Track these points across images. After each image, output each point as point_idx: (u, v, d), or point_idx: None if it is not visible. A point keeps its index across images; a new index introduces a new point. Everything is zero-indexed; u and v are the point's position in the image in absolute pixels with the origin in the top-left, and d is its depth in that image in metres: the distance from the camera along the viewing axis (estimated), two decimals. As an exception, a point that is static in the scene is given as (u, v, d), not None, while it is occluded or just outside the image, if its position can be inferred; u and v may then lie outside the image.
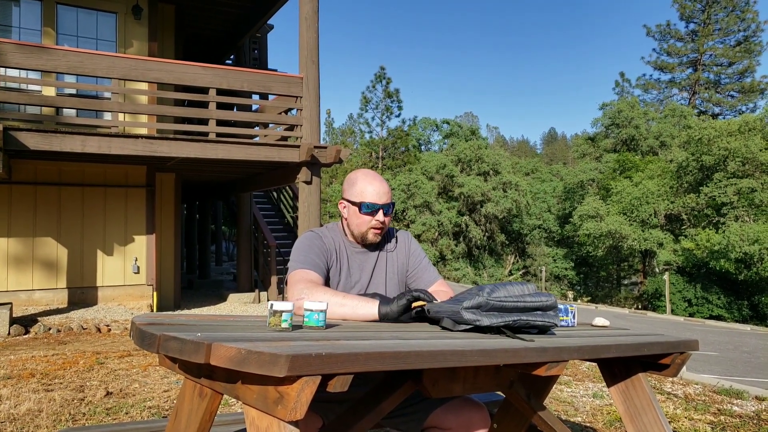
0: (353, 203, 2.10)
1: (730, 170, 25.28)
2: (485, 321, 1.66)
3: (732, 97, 41.15)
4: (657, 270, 29.42)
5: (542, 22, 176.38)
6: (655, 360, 2.15)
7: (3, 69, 7.85)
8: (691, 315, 23.71)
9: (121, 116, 9.28)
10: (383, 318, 1.83)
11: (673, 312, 23.85)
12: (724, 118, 38.74)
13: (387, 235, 2.27)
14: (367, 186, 2.09)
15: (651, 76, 45.09)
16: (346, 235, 2.18)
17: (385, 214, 2.09)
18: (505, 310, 1.68)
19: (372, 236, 2.12)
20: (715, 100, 41.24)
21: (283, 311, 1.47)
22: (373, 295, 1.95)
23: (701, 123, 29.35)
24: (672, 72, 42.31)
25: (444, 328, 1.84)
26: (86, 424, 3.58)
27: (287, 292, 1.96)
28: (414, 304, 1.84)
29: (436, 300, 1.85)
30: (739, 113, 37.98)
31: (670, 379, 5.70)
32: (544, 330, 1.79)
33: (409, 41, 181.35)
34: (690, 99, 41.68)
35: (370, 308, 1.85)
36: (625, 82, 45.00)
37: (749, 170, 25.12)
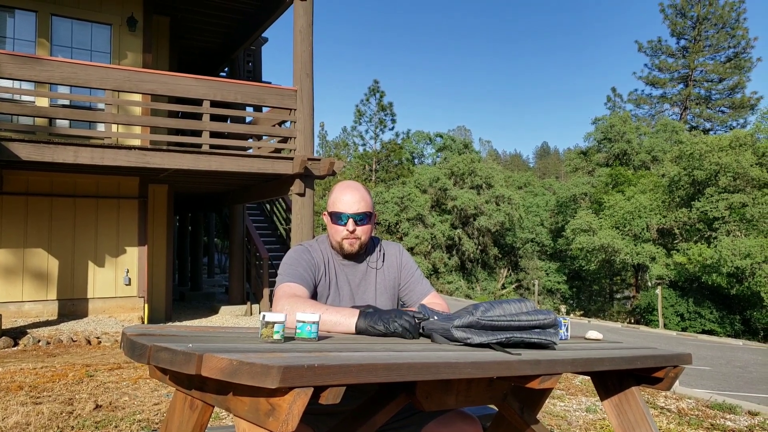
0: (328, 213, 2.12)
1: (721, 185, 25.48)
2: (476, 339, 1.65)
3: (723, 112, 41.58)
4: (649, 284, 29.51)
5: (535, 38, 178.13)
6: (648, 374, 2.14)
7: (-4, 79, 7.83)
8: (683, 329, 23.75)
9: (114, 127, 9.25)
10: (361, 333, 1.77)
11: (665, 326, 23.90)
12: (715, 133, 39.07)
13: (373, 247, 2.24)
14: (340, 195, 2.09)
15: (643, 91, 45.53)
16: (333, 247, 2.18)
17: (356, 224, 2.06)
18: (497, 329, 1.66)
19: (347, 246, 2.09)
20: (706, 116, 41.65)
21: (275, 322, 1.46)
22: (367, 307, 1.91)
23: (693, 138, 29.61)
24: (663, 87, 42.73)
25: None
26: (74, 438, 3.53)
27: (273, 307, 1.95)
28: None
29: (430, 316, 1.81)
30: (730, 128, 38.34)
31: (663, 393, 5.69)
32: (544, 347, 1.78)
33: (402, 55, 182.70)
34: (681, 114, 42.05)
35: (348, 325, 1.78)
36: (617, 97, 45.43)
37: (740, 185, 25.32)
